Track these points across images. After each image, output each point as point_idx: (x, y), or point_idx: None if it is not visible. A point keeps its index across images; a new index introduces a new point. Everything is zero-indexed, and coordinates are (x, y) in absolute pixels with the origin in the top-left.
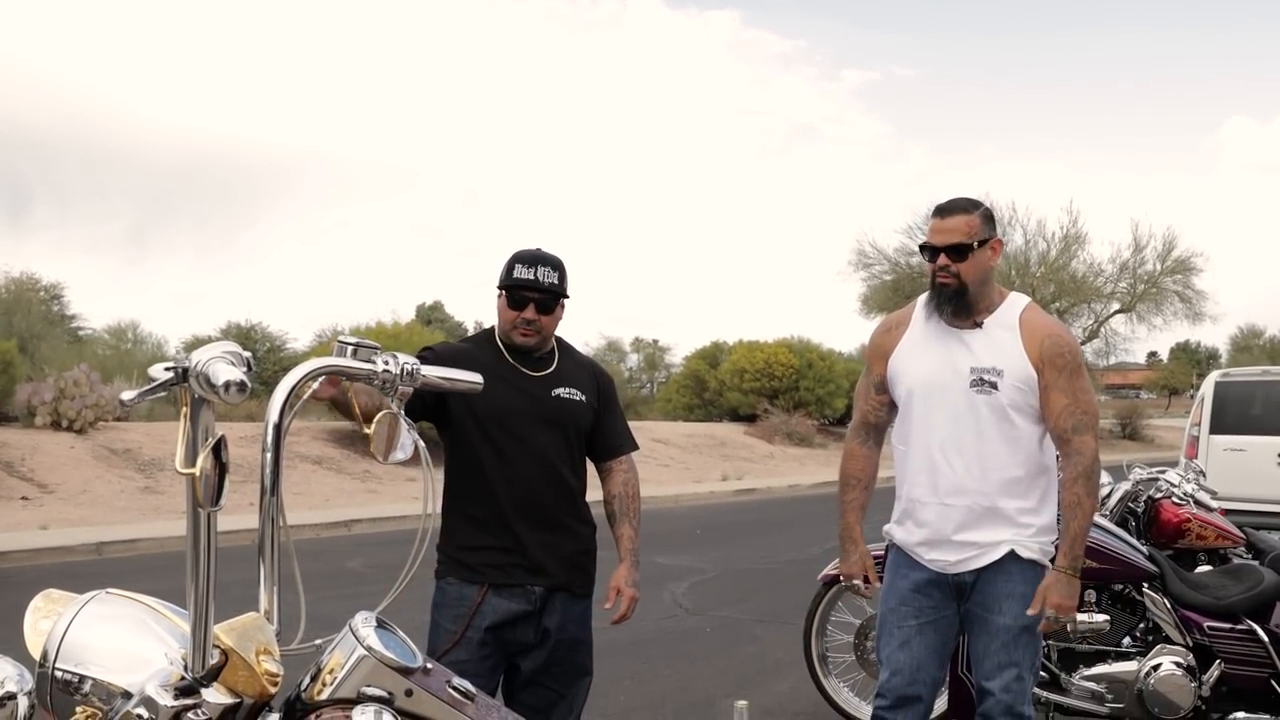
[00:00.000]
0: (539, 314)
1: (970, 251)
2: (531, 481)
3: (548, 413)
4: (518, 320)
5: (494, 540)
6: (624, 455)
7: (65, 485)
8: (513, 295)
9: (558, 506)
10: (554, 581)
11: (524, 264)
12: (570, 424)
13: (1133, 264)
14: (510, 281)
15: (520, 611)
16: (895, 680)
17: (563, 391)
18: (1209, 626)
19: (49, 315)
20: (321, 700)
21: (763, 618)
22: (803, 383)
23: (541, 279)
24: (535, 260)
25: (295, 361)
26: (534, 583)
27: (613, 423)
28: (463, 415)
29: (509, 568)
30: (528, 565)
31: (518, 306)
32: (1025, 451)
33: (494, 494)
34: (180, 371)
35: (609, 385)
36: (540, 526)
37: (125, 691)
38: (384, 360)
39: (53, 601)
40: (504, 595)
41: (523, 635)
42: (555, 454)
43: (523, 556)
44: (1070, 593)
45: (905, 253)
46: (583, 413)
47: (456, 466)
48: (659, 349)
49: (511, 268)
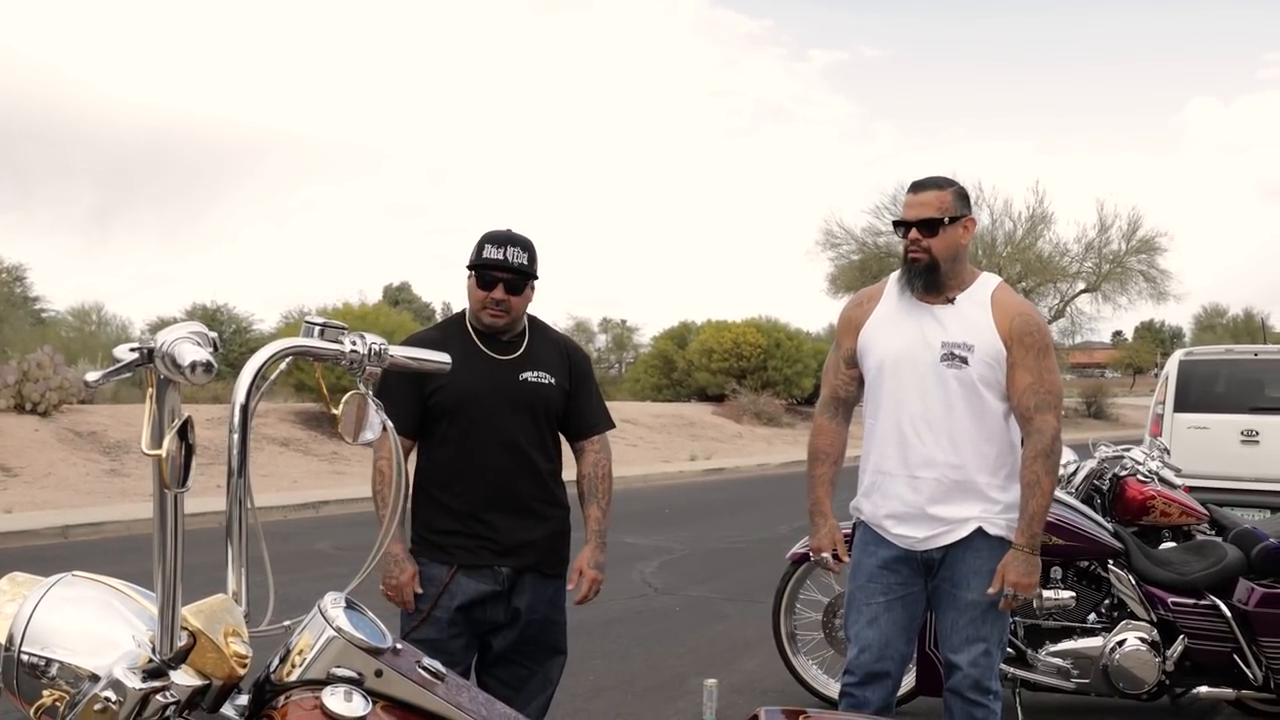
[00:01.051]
0: (508, 294)
1: (941, 226)
2: (500, 467)
3: (515, 397)
4: (487, 300)
5: (462, 525)
6: (597, 435)
7: (29, 468)
8: (482, 275)
9: (527, 491)
10: (523, 562)
11: (494, 244)
12: (539, 407)
13: (1098, 244)
14: (480, 261)
15: (489, 592)
16: (864, 657)
17: (530, 375)
18: (1173, 602)
19: (11, 297)
20: (291, 681)
21: (732, 596)
22: (770, 362)
23: (511, 259)
24: (505, 240)
25: (261, 343)
26: (502, 564)
27: (586, 402)
28: (433, 404)
29: (477, 550)
30: (496, 548)
31: (487, 286)
32: (993, 427)
33: (463, 480)
34: (146, 352)
35: (583, 364)
36: (509, 511)
37: (93, 674)
38: (351, 340)
39: (18, 585)
40: (473, 576)
41: (493, 615)
42: (524, 438)
43: (492, 540)
44: (1029, 570)
45: (873, 233)
46: (552, 395)
47: (426, 451)
48: (627, 329)
49: (481, 248)
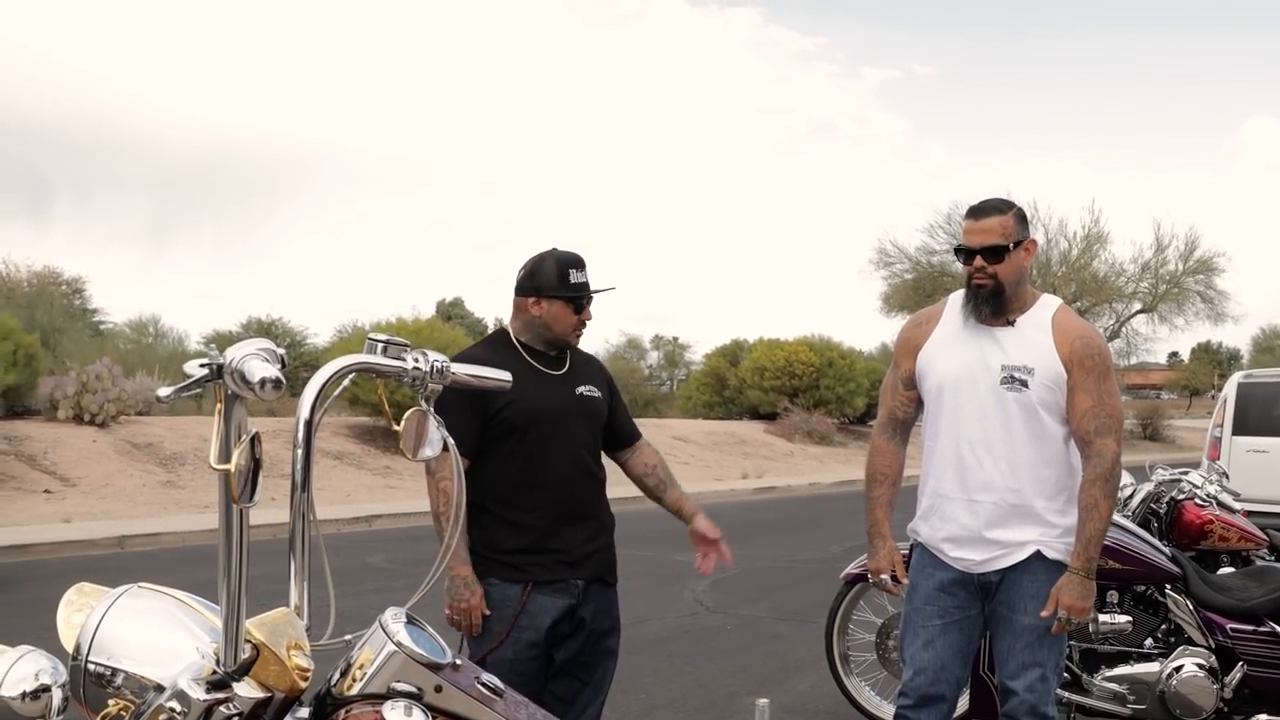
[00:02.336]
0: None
1: (1006, 253)
2: (570, 480)
3: (577, 411)
4: (578, 324)
5: (536, 542)
6: (639, 439)
7: (88, 479)
8: (576, 302)
9: (592, 501)
10: (591, 573)
11: (576, 269)
12: (596, 420)
13: (1154, 264)
14: (571, 290)
15: (565, 606)
16: (919, 679)
17: (584, 389)
18: (1231, 628)
19: (71, 309)
20: (351, 695)
21: (784, 616)
22: (823, 381)
23: (592, 282)
24: (582, 264)
25: (316, 357)
26: (575, 576)
27: (624, 412)
28: (498, 422)
29: (552, 565)
30: (569, 560)
31: (580, 310)
32: (1053, 450)
33: (536, 497)
34: (215, 368)
35: (611, 378)
36: (579, 522)
37: (158, 685)
38: (414, 357)
39: (85, 595)
40: (548, 592)
41: (562, 629)
42: (587, 450)
43: (565, 553)
44: (1083, 594)
45: (926, 251)
46: (602, 408)
47: (490, 470)
48: (679, 346)
49: (565, 274)
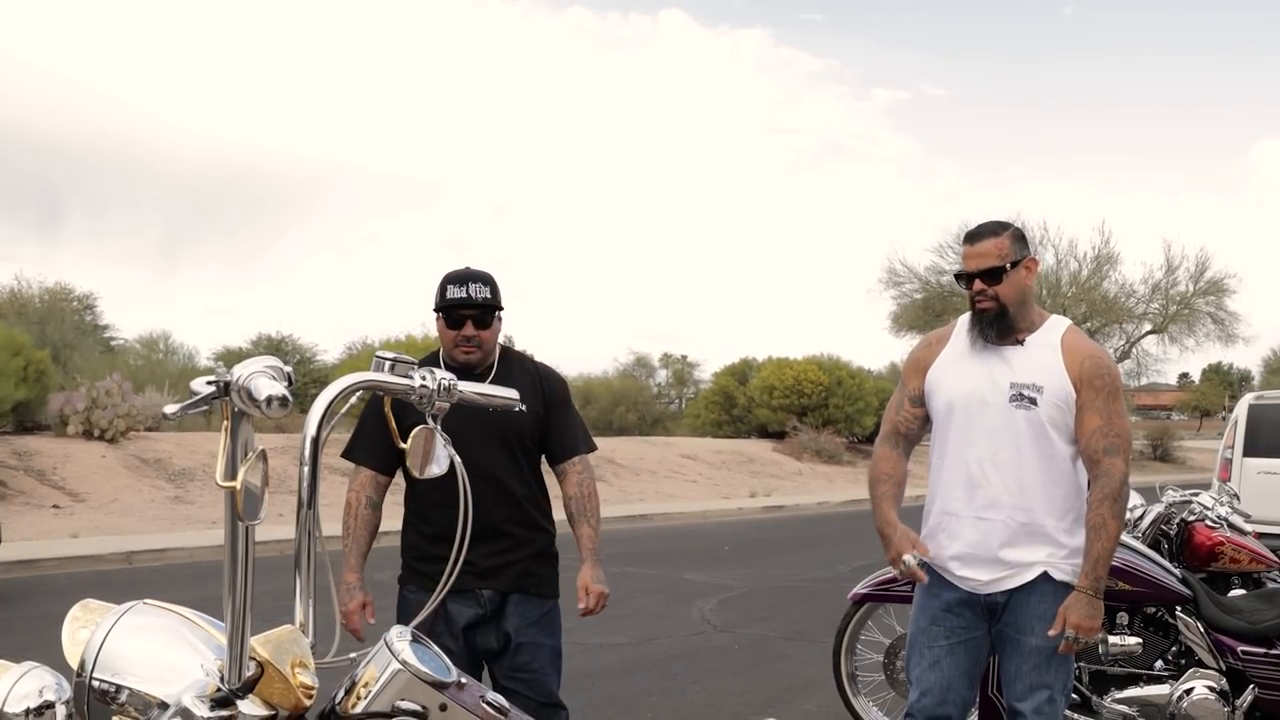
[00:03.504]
0: (477, 330)
1: (1004, 274)
2: (476, 496)
3: (486, 427)
4: (458, 339)
5: (443, 552)
6: (577, 457)
7: (96, 494)
8: (449, 315)
9: (505, 517)
10: (504, 584)
11: (455, 284)
12: (511, 435)
13: (1165, 285)
14: (445, 303)
15: (474, 616)
16: (925, 700)
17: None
18: (1243, 651)
19: (81, 325)
20: (356, 714)
21: (791, 635)
22: (832, 400)
23: (474, 295)
24: (466, 279)
25: (326, 374)
26: (483, 587)
27: (564, 426)
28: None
29: (460, 575)
30: (475, 571)
31: (456, 325)
32: (1061, 470)
33: (440, 510)
34: (222, 385)
35: (557, 388)
36: (487, 538)
37: (162, 702)
38: (421, 375)
39: (90, 611)
40: (457, 600)
41: (484, 640)
42: (498, 467)
43: (470, 564)
44: (1091, 614)
45: (936, 271)
46: (522, 422)
47: (409, 486)
48: (688, 365)
49: (444, 289)
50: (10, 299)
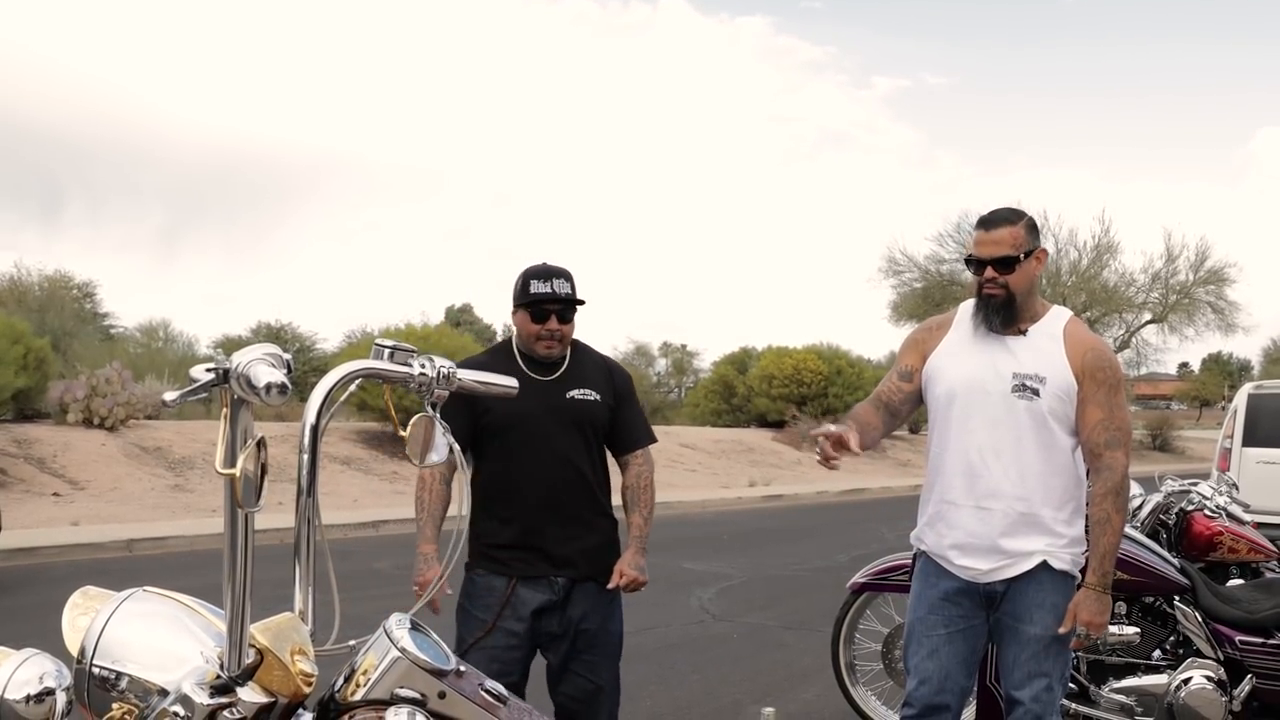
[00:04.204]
0: (560, 324)
1: (1017, 263)
2: (552, 481)
3: (563, 414)
4: (541, 332)
5: (519, 538)
6: (640, 449)
7: (96, 482)
8: (535, 310)
9: (577, 503)
10: (577, 573)
11: (539, 279)
12: (586, 423)
13: (1165, 274)
14: (529, 298)
15: (546, 601)
16: (923, 689)
17: (577, 393)
18: (1241, 641)
19: (81, 313)
20: (355, 701)
21: (790, 624)
22: (831, 389)
23: (558, 291)
24: (549, 274)
25: (325, 362)
26: (557, 574)
27: (630, 418)
28: (485, 424)
29: (533, 561)
30: (551, 559)
31: (540, 320)
32: (1061, 461)
33: (517, 495)
34: (221, 373)
35: (625, 382)
36: (562, 523)
37: (161, 689)
38: (420, 363)
39: (90, 598)
40: (530, 586)
41: (549, 625)
42: (574, 453)
43: (545, 552)
44: (1101, 609)
45: (935, 260)
46: (598, 411)
47: (486, 468)
48: (687, 354)
49: (527, 284)
50: (10, 287)
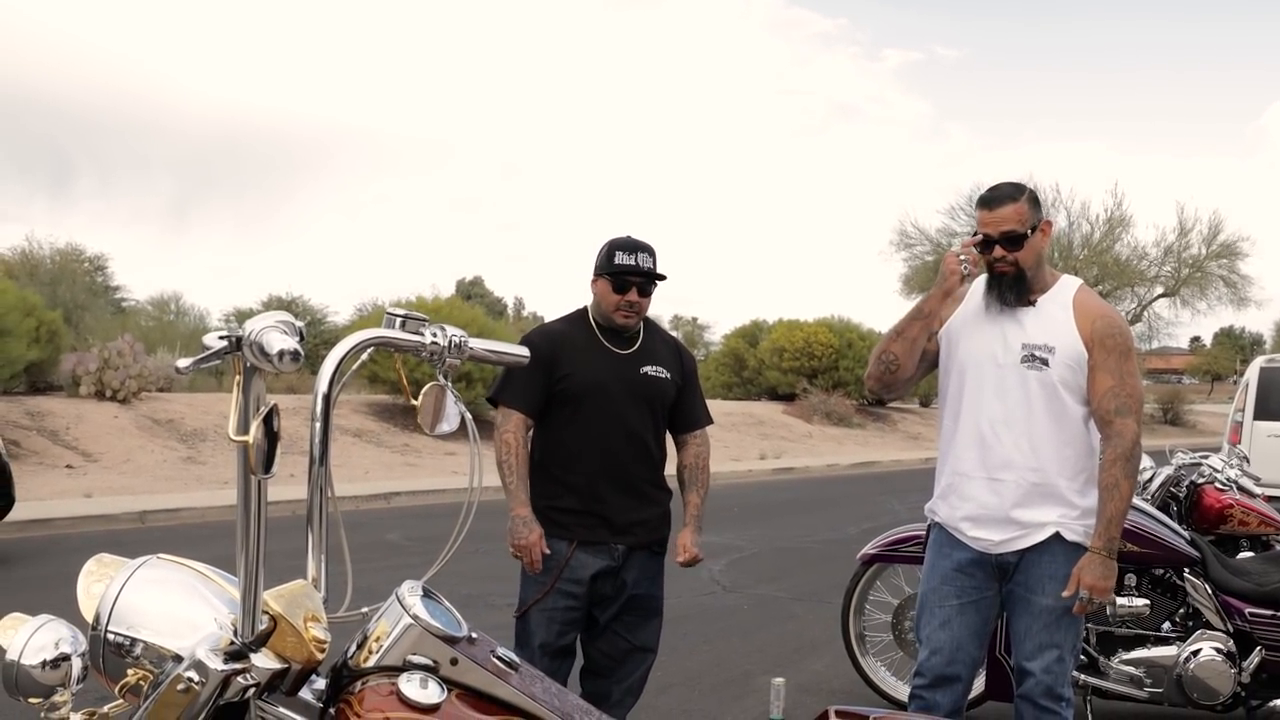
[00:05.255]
0: (640, 297)
1: (1025, 239)
2: (620, 452)
3: (637, 388)
4: (621, 303)
5: (581, 504)
6: (699, 430)
7: (109, 454)
8: (617, 280)
9: (641, 475)
10: (635, 541)
11: (624, 250)
12: (657, 399)
13: (1177, 248)
14: (613, 268)
15: (604, 567)
16: (935, 660)
17: (650, 369)
18: (1250, 613)
19: (93, 286)
20: (368, 667)
21: (800, 596)
22: (842, 362)
23: (641, 264)
24: (634, 247)
25: (336, 335)
26: (618, 541)
27: (692, 398)
28: (560, 389)
29: (595, 527)
30: (612, 526)
31: (621, 290)
32: (1073, 430)
33: (584, 461)
34: (234, 340)
35: (691, 363)
36: (625, 492)
37: (176, 655)
38: (432, 332)
39: (104, 566)
40: (590, 551)
41: (603, 588)
42: (642, 426)
43: (607, 519)
44: (1105, 574)
45: (947, 233)
46: (668, 389)
47: (551, 432)
48: (698, 327)
49: (612, 254)
50: (22, 260)
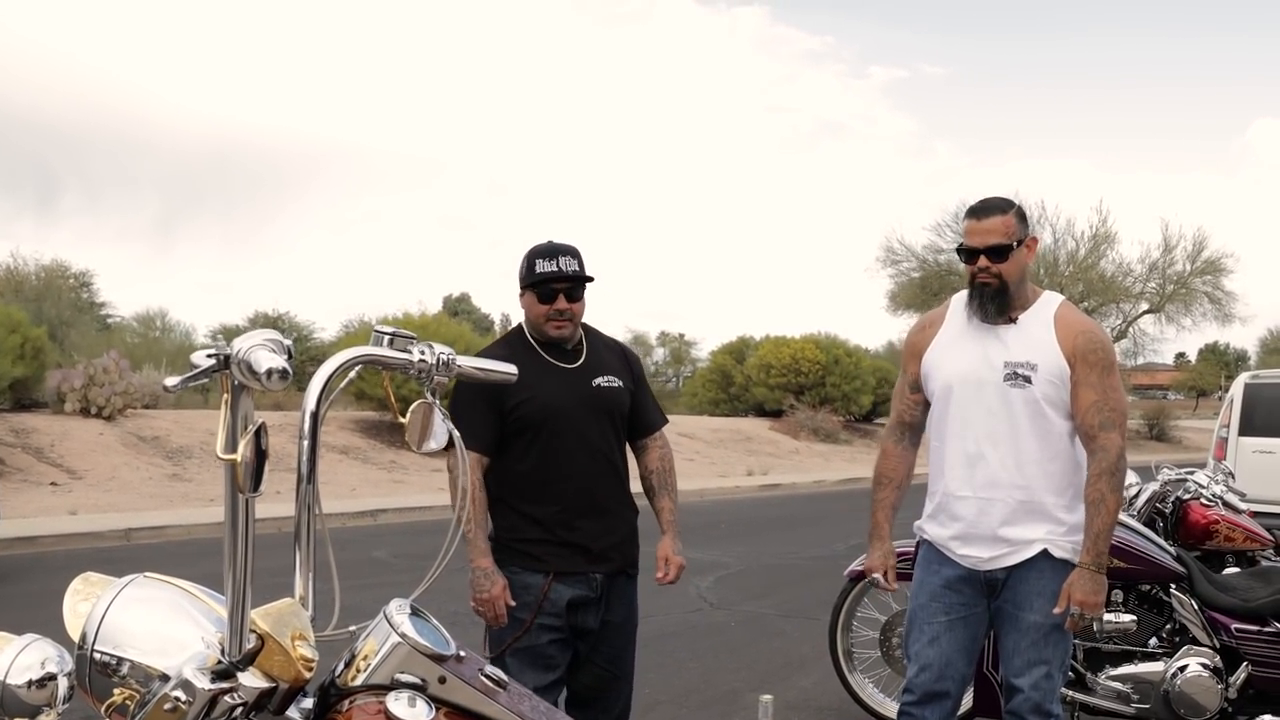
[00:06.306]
0: (569, 303)
1: (1010, 252)
2: (587, 475)
3: (594, 403)
4: (550, 313)
5: (554, 533)
6: (657, 431)
7: (94, 471)
8: (542, 290)
9: (610, 495)
10: (613, 567)
11: (544, 257)
12: (615, 411)
13: (1162, 264)
14: (535, 278)
15: (582, 597)
16: (923, 676)
17: (602, 381)
18: (1236, 628)
19: (78, 303)
20: (356, 686)
21: (787, 613)
22: (829, 379)
23: (565, 268)
24: (554, 252)
25: (323, 352)
26: (595, 570)
27: (646, 401)
28: (515, 418)
29: (570, 557)
30: (589, 554)
31: (548, 300)
32: (1058, 447)
33: (552, 492)
34: (222, 358)
35: (638, 364)
36: (597, 516)
37: (163, 674)
38: (420, 350)
39: (91, 584)
40: (568, 583)
41: (585, 620)
42: (605, 443)
43: (583, 548)
44: (1095, 589)
45: (933, 250)
46: (623, 398)
47: (509, 466)
48: (685, 343)
49: (532, 263)
50: (7, 276)
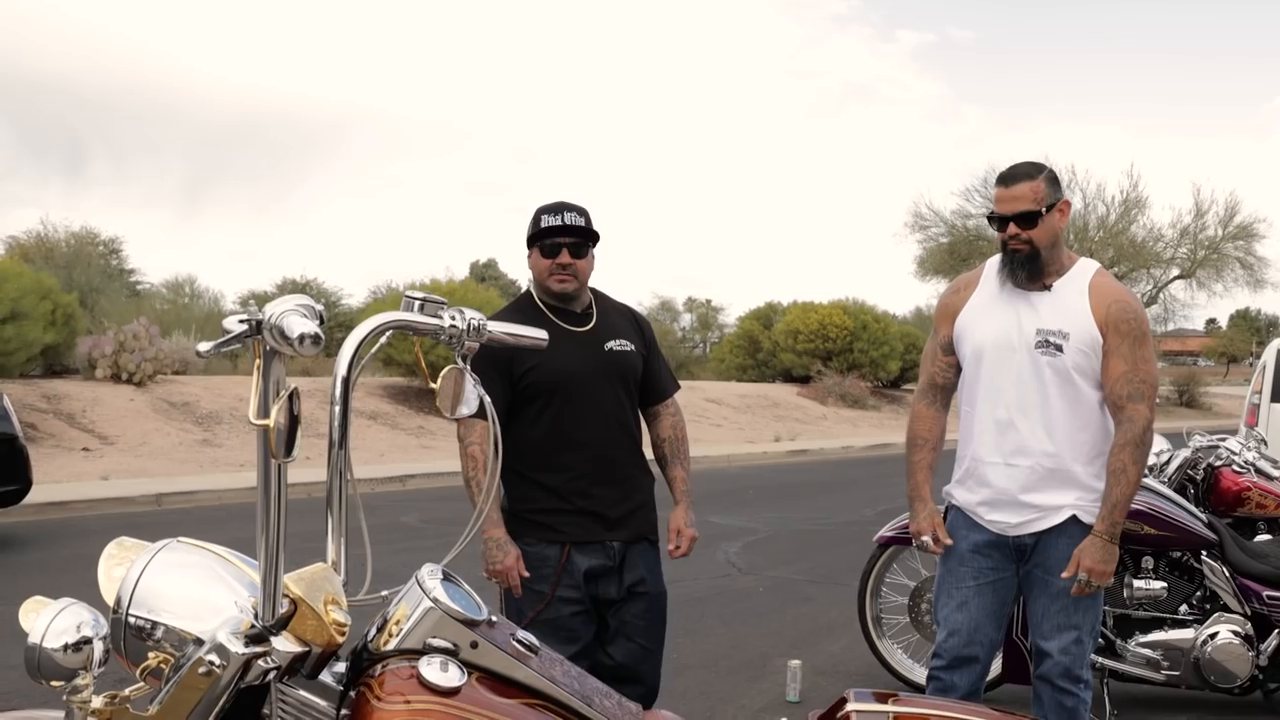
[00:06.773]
0: (573, 258)
1: (1039, 218)
2: (602, 441)
3: (606, 368)
4: (553, 267)
5: (570, 504)
6: (669, 398)
7: (125, 437)
8: (545, 245)
9: (626, 460)
10: (630, 534)
11: (550, 213)
12: (629, 376)
13: (1193, 229)
14: (539, 230)
15: (601, 566)
16: (952, 641)
17: (614, 344)
18: (1268, 595)
19: (108, 269)
20: (388, 650)
21: (816, 578)
22: (857, 344)
23: (569, 222)
24: (560, 208)
25: (350, 318)
26: (612, 538)
27: (658, 367)
28: (526, 385)
29: (587, 525)
30: (605, 522)
31: (551, 254)
32: (1088, 415)
33: (566, 457)
34: (254, 324)
35: (649, 329)
36: (613, 483)
37: (197, 638)
38: (450, 315)
39: (125, 549)
40: (585, 552)
41: (605, 590)
42: (619, 409)
43: (600, 515)
44: (1105, 558)
45: (962, 215)
46: (635, 362)
47: (519, 433)
48: (712, 309)
49: (538, 219)
50: (37, 243)
